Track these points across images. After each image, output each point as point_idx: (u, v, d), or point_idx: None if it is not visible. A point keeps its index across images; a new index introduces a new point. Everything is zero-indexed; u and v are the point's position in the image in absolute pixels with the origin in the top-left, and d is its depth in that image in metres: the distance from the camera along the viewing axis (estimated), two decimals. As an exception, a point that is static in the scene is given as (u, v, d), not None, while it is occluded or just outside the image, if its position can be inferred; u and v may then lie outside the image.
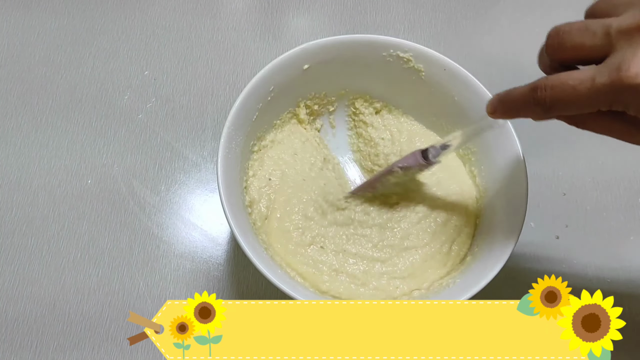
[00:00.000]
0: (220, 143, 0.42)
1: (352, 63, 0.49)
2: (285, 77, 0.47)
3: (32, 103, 0.57)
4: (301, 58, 0.47)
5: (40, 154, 0.55)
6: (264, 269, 0.39)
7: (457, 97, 0.47)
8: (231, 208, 0.41)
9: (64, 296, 0.49)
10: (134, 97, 0.58)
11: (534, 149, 0.56)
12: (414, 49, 0.48)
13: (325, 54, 0.48)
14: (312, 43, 0.47)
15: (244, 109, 0.44)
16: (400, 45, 0.48)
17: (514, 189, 0.44)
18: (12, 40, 0.60)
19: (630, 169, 0.56)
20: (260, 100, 0.46)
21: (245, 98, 0.44)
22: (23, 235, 0.51)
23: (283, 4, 0.64)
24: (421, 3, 0.65)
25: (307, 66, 0.47)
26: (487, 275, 0.40)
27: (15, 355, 0.47)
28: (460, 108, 0.48)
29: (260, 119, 0.47)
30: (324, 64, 0.48)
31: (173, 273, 0.50)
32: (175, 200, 0.53)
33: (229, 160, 0.43)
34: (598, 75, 0.29)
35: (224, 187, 0.41)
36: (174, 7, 0.63)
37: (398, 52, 0.48)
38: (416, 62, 0.48)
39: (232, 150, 0.44)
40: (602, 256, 0.52)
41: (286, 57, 0.46)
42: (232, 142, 0.44)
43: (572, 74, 0.30)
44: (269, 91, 0.46)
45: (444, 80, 0.48)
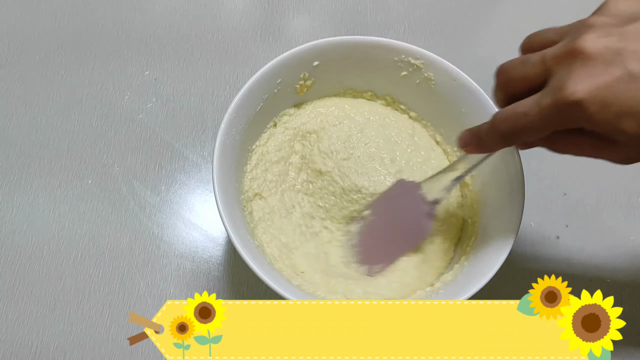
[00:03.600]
0: (219, 129, 0.42)
1: (362, 64, 0.49)
2: (293, 72, 0.47)
3: (32, 103, 0.57)
4: (312, 54, 0.47)
5: (40, 154, 0.55)
6: (257, 269, 0.39)
7: (464, 109, 0.47)
8: (226, 207, 0.41)
9: (64, 296, 0.49)
10: (134, 97, 0.58)
11: (534, 149, 0.56)
12: (425, 57, 0.47)
13: (336, 53, 0.47)
14: (324, 40, 0.47)
15: (248, 97, 0.44)
16: (413, 52, 0.47)
17: (509, 177, 0.44)
18: (12, 40, 0.60)
19: (631, 169, 0.56)
20: (267, 91, 0.46)
21: (251, 87, 0.44)
22: (23, 235, 0.51)
23: (283, 4, 0.64)
24: (421, 3, 0.65)
25: (317, 63, 0.47)
26: (487, 274, 0.39)
27: (15, 355, 0.47)
28: (466, 120, 0.47)
29: (264, 110, 0.47)
30: (334, 63, 0.48)
31: (173, 273, 0.50)
32: (176, 200, 0.53)
33: (225, 152, 0.42)
34: (543, 98, 0.32)
35: (219, 180, 0.41)
36: (174, 7, 0.63)
37: (410, 58, 0.48)
38: (426, 70, 0.48)
39: (232, 137, 0.43)
40: (602, 256, 0.52)
41: (296, 52, 0.46)
42: (233, 129, 0.43)
43: (521, 103, 0.34)
44: (277, 83, 0.46)
45: (453, 90, 0.47)
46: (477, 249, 0.44)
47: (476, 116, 0.45)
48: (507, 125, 0.34)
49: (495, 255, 0.40)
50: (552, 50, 0.33)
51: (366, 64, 0.49)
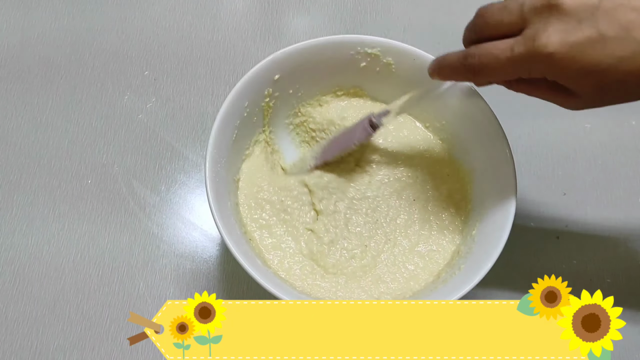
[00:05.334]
0: (205, 167, 0.42)
1: (321, 65, 0.49)
2: (258, 90, 0.47)
3: (32, 103, 0.57)
4: (271, 69, 0.47)
5: (40, 154, 0.55)
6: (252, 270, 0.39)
7: (429, 86, 0.47)
8: (219, 207, 0.41)
9: (64, 296, 0.49)
10: (134, 97, 0.58)
11: (535, 149, 0.57)
12: (380, 44, 0.48)
13: (293, 62, 0.47)
14: (280, 52, 0.47)
15: (222, 129, 0.44)
16: (367, 42, 0.48)
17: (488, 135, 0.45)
18: (12, 40, 0.60)
19: (630, 169, 0.56)
20: (238, 117, 0.46)
21: (222, 118, 0.44)
22: (23, 235, 0.51)
23: (283, 4, 0.64)
24: (421, 3, 0.65)
25: (278, 76, 0.47)
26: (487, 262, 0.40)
27: (15, 355, 0.47)
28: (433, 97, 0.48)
29: (241, 136, 0.47)
30: (293, 72, 0.48)
31: (173, 273, 0.50)
32: (176, 200, 0.53)
33: (216, 186, 0.43)
34: (516, 45, 0.34)
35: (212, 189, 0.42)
36: (174, 7, 0.63)
37: (365, 48, 0.48)
38: (384, 57, 0.48)
39: (219, 173, 0.44)
40: (602, 256, 0.52)
41: (256, 69, 0.46)
42: (217, 165, 0.44)
43: (496, 44, 0.35)
44: (244, 107, 0.46)
45: (415, 70, 0.47)
46: (479, 219, 0.45)
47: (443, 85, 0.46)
48: (479, 62, 0.36)
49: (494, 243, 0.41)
50: (531, 0, 0.34)
51: (325, 64, 0.49)
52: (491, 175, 0.46)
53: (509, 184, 0.43)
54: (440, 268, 0.46)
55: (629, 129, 0.58)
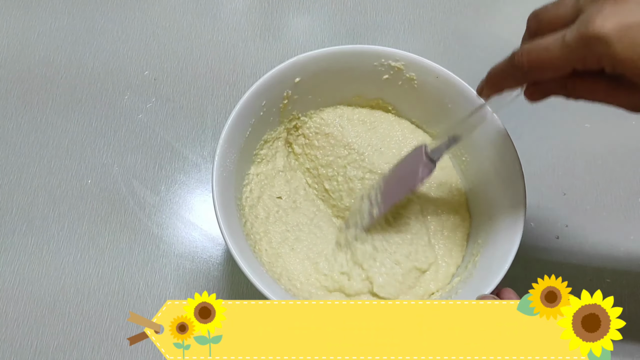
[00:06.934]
0: (214, 162, 0.42)
1: (343, 73, 0.48)
2: (277, 91, 0.47)
3: (32, 103, 0.57)
4: (293, 71, 0.46)
5: (40, 154, 0.55)
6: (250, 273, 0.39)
7: (450, 105, 0.47)
8: (224, 211, 0.41)
9: (64, 296, 0.49)
10: (134, 97, 0.58)
11: (535, 149, 0.57)
12: (405, 58, 0.47)
13: (316, 66, 0.47)
14: (303, 55, 0.46)
15: (236, 125, 0.44)
16: (392, 55, 0.47)
17: (508, 171, 0.45)
18: (12, 40, 0.60)
19: (630, 169, 0.56)
20: (253, 115, 0.45)
21: (238, 113, 0.44)
22: (23, 235, 0.51)
23: (283, 4, 0.64)
24: (421, 3, 0.65)
25: (299, 79, 0.47)
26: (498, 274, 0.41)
27: (15, 355, 0.47)
28: (453, 115, 0.47)
29: (254, 134, 0.46)
30: (316, 76, 0.48)
31: (173, 273, 0.50)
32: (175, 200, 0.53)
33: (224, 181, 0.43)
34: (568, 32, 0.32)
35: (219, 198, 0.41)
36: (174, 7, 0.63)
37: (389, 61, 0.48)
38: (407, 71, 0.48)
39: (227, 168, 0.43)
40: (602, 256, 0.52)
41: (277, 70, 0.46)
42: (227, 160, 0.43)
43: (545, 37, 0.33)
44: (261, 106, 0.46)
45: (437, 87, 0.47)
46: (482, 243, 0.45)
47: (463, 111, 0.45)
48: (528, 59, 0.34)
49: (502, 256, 0.41)
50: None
51: (347, 72, 0.48)
52: (500, 211, 0.45)
53: (517, 225, 0.42)
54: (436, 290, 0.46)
55: (629, 129, 0.58)
